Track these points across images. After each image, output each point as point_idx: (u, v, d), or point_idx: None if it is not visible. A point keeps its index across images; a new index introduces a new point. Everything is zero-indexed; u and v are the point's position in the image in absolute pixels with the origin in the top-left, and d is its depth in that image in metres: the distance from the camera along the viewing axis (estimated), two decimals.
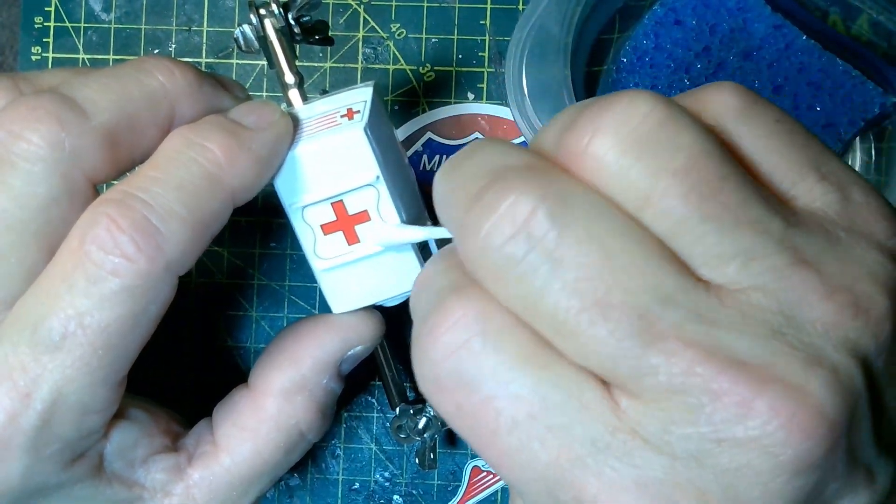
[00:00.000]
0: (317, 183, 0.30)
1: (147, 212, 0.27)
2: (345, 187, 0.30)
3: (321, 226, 0.30)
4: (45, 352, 0.27)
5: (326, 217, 0.30)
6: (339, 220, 0.30)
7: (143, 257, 0.26)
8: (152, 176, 0.27)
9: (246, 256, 0.42)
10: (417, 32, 0.41)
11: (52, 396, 0.27)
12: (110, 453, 0.30)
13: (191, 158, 0.28)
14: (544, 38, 0.35)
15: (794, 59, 0.38)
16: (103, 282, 0.26)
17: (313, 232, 0.30)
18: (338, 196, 0.30)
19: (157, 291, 0.27)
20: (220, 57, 0.42)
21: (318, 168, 0.30)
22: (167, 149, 0.28)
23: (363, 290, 0.32)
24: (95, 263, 0.26)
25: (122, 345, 0.27)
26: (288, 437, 0.33)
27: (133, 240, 0.26)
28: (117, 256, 0.26)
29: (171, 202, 0.27)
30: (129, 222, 0.26)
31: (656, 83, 0.37)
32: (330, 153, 0.30)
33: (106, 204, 0.27)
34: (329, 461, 0.41)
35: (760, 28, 0.38)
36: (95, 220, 0.27)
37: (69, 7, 0.42)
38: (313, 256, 0.31)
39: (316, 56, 0.41)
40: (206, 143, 0.28)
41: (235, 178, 0.28)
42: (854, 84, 0.38)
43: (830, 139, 0.38)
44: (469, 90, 0.41)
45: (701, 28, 0.38)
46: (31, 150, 0.27)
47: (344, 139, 0.30)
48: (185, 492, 0.32)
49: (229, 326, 0.42)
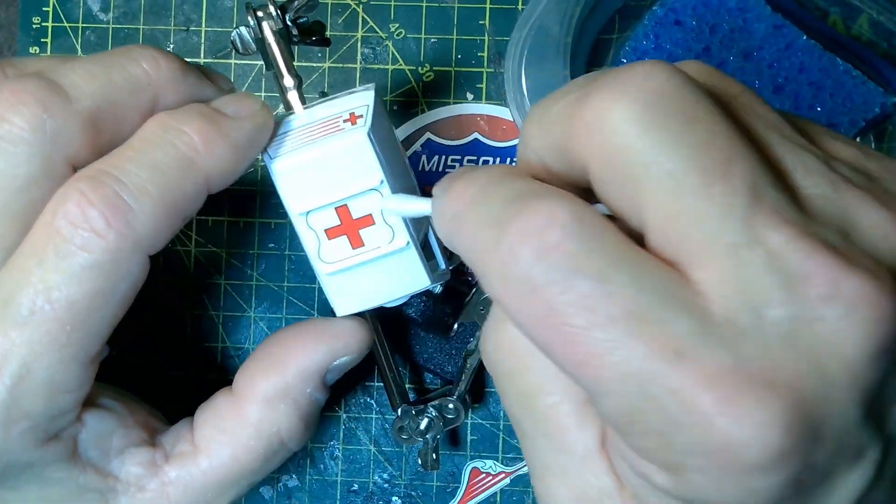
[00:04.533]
0: (321, 188, 0.30)
1: (119, 188, 0.27)
2: (349, 192, 0.30)
3: (325, 230, 0.30)
4: (14, 327, 0.27)
5: (331, 221, 0.30)
6: (344, 225, 0.30)
7: (113, 233, 0.27)
8: (128, 155, 0.28)
9: (244, 257, 0.42)
10: (416, 32, 0.41)
11: (20, 371, 0.27)
12: (85, 440, 0.30)
13: (167, 141, 0.28)
14: (544, 38, 0.35)
15: (794, 60, 0.38)
16: (72, 257, 0.26)
17: (317, 236, 0.30)
18: (342, 201, 0.30)
19: (127, 269, 0.27)
20: (219, 57, 0.42)
21: (323, 173, 0.30)
22: (145, 131, 0.29)
23: (367, 292, 0.32)
24: (65, 238, 0.26)
25: (91, 322, 0.27)
26: (268, 444, 0.33)
27: (103, 215, 0.26)
28: (87, 231, 0.26)
29: (144, 181, 0.27)
30: (99, 198, 0.27)
31: None
32: (334, 158, 0.30)
33: (78, 180, 0.27)
34: (328, 462, 0.41)
35: (761, 28, 0.37)
36: (67, 195, 0.27)
37: (67, 7, 0.41)
38: (318, 261, 0.31)
39: (314, 56, 0.41)
40: (183, 128, 0.28)
41: (211, 164, 0.28)
42: (855, 84, 0.38)
43: None
44: (468, 90, 0.41)
45: (701, 28, 0.37)
46: (14, 132, 0.27)
47: (347, 144, 0.30)
48: (160, 488, 0.32)
49: (227, 327, 0.42)
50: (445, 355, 0.39)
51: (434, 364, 0.39)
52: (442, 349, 0.39)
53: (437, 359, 0.39)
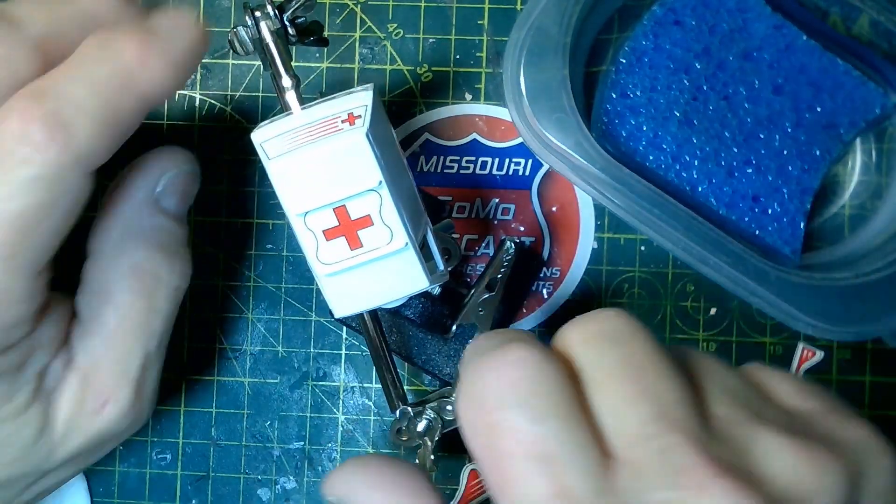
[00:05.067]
0: (319, 189, 0.30)
1: (58, 104, 0.28)
2: (347, 193, 0.30)
3: (323, 231, 0.30)
4: None
5: (329, 222, 0.30)
6: (342, 226, 0.30)
7: (54, 147, 0.27)
8: (66, 73, 0.29)
9: (242, 258, 0.41)
10: (415, 32, 0.41)
11: None
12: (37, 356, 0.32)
13: (104, 58, 0.29)
14: (543, 38, 0.35)
15: (794, 60, 0.37)
16: (15, 170, 0.27)
17: (315, 237, 0.30)
18: (340, 202, 0.30)
19: (69, 184, 0.28)
20: (216, 57, 0.41)
21: (321, 174, 0.30)
22: (82, 48, 0.29)
23: (365, 293, 0.32)
24: (7, 152, 0.27)
25: (36, 234, 0.28)
26: (145, 287, 0.34)
27: (43, 129, 0.27)
28: (28, 146, 0.27)
29: (82, 97, 0.28)
30: (40, 113, 0.27)
31: (655, 84, 0.37)
32: (332, 159, 0.29)
33: (19, 98, 0.28)
34: (326, 464, 0.41)
35: (760, 28, 0.37)
36: (9, 112, 0.28)
37: None
38: (315, 262, 0.31)
39: (312, 56, 0.41)
40: (119, 45, 0.29)
41: (148, 80, 0.29)
42: (855, 84, 0.37)
43: (831, 140, 0.37)
44: (467, 91, 0.41)
45: (701, 28, 0.37)
46: None
47: (346, 145, 0.29)
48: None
49: (225, 328, 0.41)
50: (444, 357, 0.39)
51: (432, 366, 0.39)
52: (440, 350, 0.39)
53: (436, 360, 0.39)
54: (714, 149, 0.37)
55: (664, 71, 0.37)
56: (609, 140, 0.37)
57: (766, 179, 0.37)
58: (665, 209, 0.34)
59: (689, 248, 0.34)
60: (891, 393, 0.41)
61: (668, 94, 0.37)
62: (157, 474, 0.42)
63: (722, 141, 0.37)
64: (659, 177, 0.37)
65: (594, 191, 0.34)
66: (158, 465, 0.42)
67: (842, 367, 0.41)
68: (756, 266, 0.34)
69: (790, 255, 0.37)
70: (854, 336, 0.34)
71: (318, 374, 0.41)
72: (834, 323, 0.34)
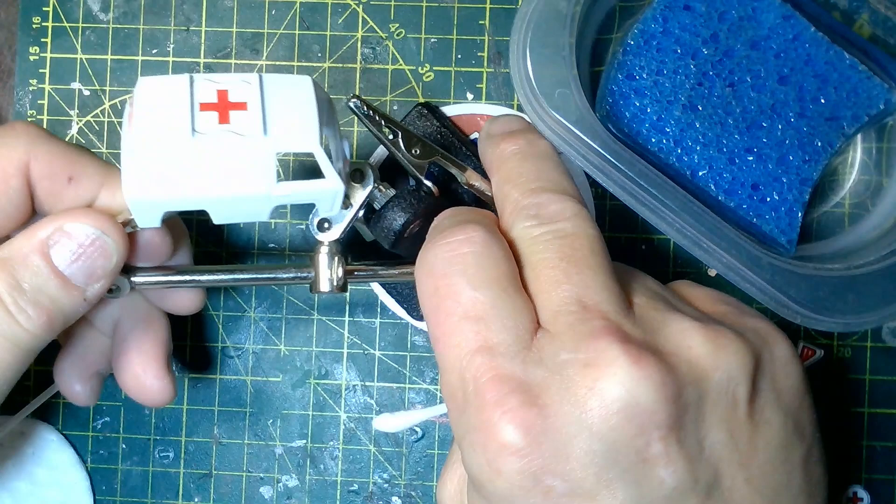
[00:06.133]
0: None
1: None
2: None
3: (200, 103, 0.29)
4: None
5: (209, 97, 0.30)
6: (219, 104, 0.30)
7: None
8: None
9: (244, 257, 0.42)
10: (416, 32, 0.41)
11: None
12: None
13: None
14: (550, 10, 0.34)
15: (801, 51, 0.37)
16: None
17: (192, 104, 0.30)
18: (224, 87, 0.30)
19: None
20: (218, 57, 0.42)
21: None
22: None
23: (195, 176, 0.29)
24: None
25: None
26: None
27: None
28: None
29: None
30: None
31: (662, 67, 0.37)
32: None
33: None
34: (328, 462, 0.41)
35: (769, 17, 0.37)
36: None
37: (67, 7, 0.42)
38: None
39: (314, 56, 0.41)
40: None
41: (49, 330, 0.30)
42: (860, 79, 0.37)
43: (833, 132, 0.37)
44: (468, 90, 0.41)
45: (710, 14, 0.37)
46: None
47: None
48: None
49: (227, 327, 0.42)
50: None
51: None
52: None
53: None
54: (716, 135, 0.37)
55: (671, 55, 0.37)
56: (612, 121, 0.37)
57: (766, 168, 0.37)
58: (663, 191, 0.34)
59: (684, 230, 0.34)
60: (891, 391, 0.41)
61: (674, 78, 0.37)
62: (159, 472, 0.42)
63: (725, 127, 0.37)
64: (660, 160, 0.37)
65: (592, 168, 0.34)
66: (161, 463, 0.42)
67: (842, 365, 0.41)
68: (749, 252, 0.34)
69: (786, 245, 0.37)
70: (843, 327, 0.34)
71: (320, 373, 0.41)
72: (824, 313, 0.34)
